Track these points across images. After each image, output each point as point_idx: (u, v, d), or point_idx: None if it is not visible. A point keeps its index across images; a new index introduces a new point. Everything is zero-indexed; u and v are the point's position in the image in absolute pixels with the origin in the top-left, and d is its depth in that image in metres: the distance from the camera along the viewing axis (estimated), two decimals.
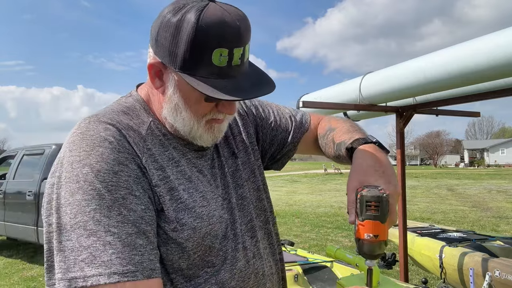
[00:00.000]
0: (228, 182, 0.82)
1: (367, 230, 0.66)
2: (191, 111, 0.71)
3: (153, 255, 0.62)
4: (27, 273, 5.02)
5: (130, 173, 0.64)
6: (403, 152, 2.96)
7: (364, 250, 0.67)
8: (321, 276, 2.44)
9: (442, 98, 2.57)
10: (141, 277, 0.58)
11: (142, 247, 0.61)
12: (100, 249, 0.57)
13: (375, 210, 0.65)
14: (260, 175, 0.91)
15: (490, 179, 22.84)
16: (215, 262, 0.72)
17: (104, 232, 0.58)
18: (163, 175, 0.69)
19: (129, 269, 0.58)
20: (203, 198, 0.73)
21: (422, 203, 11.55)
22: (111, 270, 0.57)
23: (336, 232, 7.35)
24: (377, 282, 1.21)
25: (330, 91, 2.90)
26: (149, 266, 0.60)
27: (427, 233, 3.53)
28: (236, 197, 0.82)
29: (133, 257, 0.59)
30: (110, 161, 0.63)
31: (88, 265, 0.57)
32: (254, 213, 0.85)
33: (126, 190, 0.62)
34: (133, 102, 0.77)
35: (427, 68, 1.98)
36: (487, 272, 2.40)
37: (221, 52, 0.64)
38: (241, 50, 0.67)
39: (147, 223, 0.63)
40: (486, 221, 8.19)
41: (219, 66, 0.65)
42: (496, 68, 1.65)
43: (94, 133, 0.65)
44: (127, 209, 0.61)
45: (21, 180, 5.73)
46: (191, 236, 0.68)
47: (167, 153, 0.73)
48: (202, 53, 0.64)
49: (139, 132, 0.71)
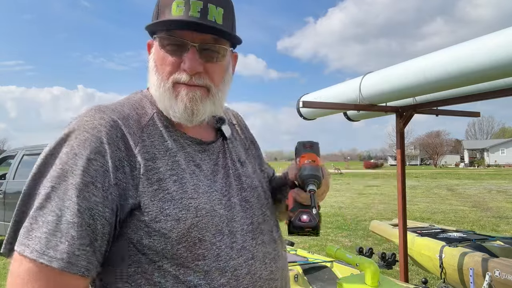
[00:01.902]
0: (231, 183, 0.82)
1: (306, 158, 0.81)
2: (158, 72, 0.76)
3: (81, 251, 0.62)
4: None
5: (103, 164, 0.66)
6: (403, 152, 2.96)
7: (305, 173, 0.78)
8: (321, 276, 2.44)
9: (442, 98, 2.57)
10: (56, 265, 0.60)
11: (73, 239, 0.61)
12: (39, 224, 0.62)
13: (310, 147, 0.85)
14: (266, 192, 0.90)
15: (490, 179, 22.84)
16: (206, 255, 0.71)
17: (49, 210, 0.62)
18: (152, 166, 0.70)
19: (49, 253, 0.60)
20: (195, 191, 0.72)
21: (422, 203, 11.55)
22: (35, 246, 0.60)
23: (336, 232, 7.35)
24: (377, 282, 1.21)
25: (330, 91, 2.89)
26: (69, 259, 0.61)
27: (427, 233, 3.53)
28: (239, 198, 0.81)
29: (58, 244, 0.61)
30: (90, 148, 0.66)
31: (25, 234, 0.62)
32: (258, 217, 0.83)
33: (91, 178, 0.64)
34: (140, 97, 0.81)
35: (427, 68, 1.98)
36: (487, 272, 2.40)
37: (178, 3, 0.71)
38: (201, 4, 0.71)
39: (92, 216, 0.63)
40: (486, 221, 8.19)
41: (176, 16, 0.71)
42: (496, 68, 1.65)
43: (89, 119, 0.69)
44: (81, 197, 0.63)
45: (21, 180, 5.72)
46: (175, 226, 0.68)
47: (165, 143, 0.74)
48: (165, 10, 0.73)
49: (139, 122, 0.74)
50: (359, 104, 2.57)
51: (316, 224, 0.76)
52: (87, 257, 0.63)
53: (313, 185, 0.76)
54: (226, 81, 0.81)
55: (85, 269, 0.63)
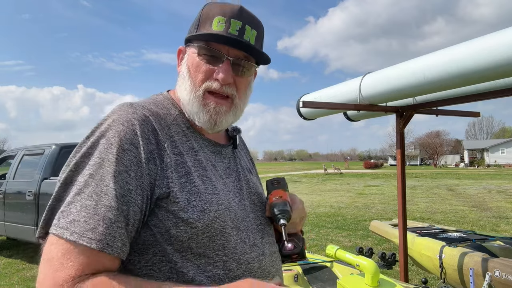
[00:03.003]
0: (242, 186, 0.90)
1: (274, 195, 0.89)
2: (191, 78, 0.82)
3: (117, 233, 0.66)
4: (27, 273, 5.02)
5: (137, 155, 0.71)
6: (403, 152, 2.96)
7: (274, 210, 0.86)
8: (321, 276, 2.44)
9: (442, 98, 2.57)
10: (95, 246, 0.64)
11: (110, 222, 0.66)
12: (78, 209, 0.66)
13: (277, 183, 0.93)
14: (263, 201, 0.96)
15: (490, 179, 22.84)
16: (226, 246, 0.77)
17: (87, 196, 0.67)
18: (181, 160, 0.77)
19: (88, 235, 0.64)
20: (214, 187, 0.79)
21: (422, 203, 11.55)
22: (75, 229, 0.64)
23: (336, 232, 7.35)
24: (377, 282, 1.21)
25: (330, 91, 2.89)
26: (107, 240, 0.65)
27: (427, 233, 3.53)
28: (249, 200, 0.89)
29: (96, 227, 0.65)
30: (124, 139, 0.71)
31: (64, 218, 0.66)
32: (263, 220, 0.91)
33: (125, 167, 0.69)
34: (162, 98, 0.88)
35: (427, 68, 1.98)
36: (487, 272, 2.40)
37: (219, 19, 0.79)
38: (240, 24, 0.79)
39: (126, 202, 0.68)
40: (486, 221, 8.19)
41: (217, 31, 0.78)
42: (496, 68, 1.65)
43: (123, 113, 0.75)
44: (116, 184, 0.68)
45: (21, 180, 5.72)
46: (200, 217, 0.73)
47: (188, 142, 0.82)
48: (206, 23, 0.80)
49: (165, 120, 0.80)
50: (359, 104, 2.57)
51: (301, 250, 0.91)
52: (122, 239, 0.67)
53: (283, 219, 0.84)
54: (247, 95, 0.90)
55: (120, 250, 0.67)
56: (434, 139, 61.49)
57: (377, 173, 33.70)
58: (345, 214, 9.56)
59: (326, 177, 28.19)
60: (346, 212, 10.02)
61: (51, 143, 5.66)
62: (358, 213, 9.71)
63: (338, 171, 36.79)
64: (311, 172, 38.32)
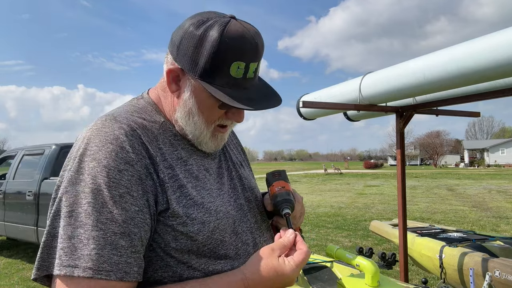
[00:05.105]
0: (236, 184, 0.88)
1: (276, 186, 0.88)
2: (203, 116, 0.77)
3: (132, 258, 0.64)
4: (27, 273, 5.02)
5: (134, 173, 0.67)
6: (403, 152, 2.96)
7: (277, 199, 0.85)
8: (321, 276, 2.44)
9: (442, 98, 2.57)
10: (114, 277, 0.61)
11: (124, 249, 0.63)
12: (84, 242, 0.61)
13: (278, 175, 0.92)
14: (259, 192, 0.97)
15: (490, 179, 22.83)
16: (228, 254, 0.77)
17: (92, 226, 0.61)
18: (172, 174, 0.73)
19: (105, 267, 0.60)
20: (210, 195, 0.78)
21: (422, 203, 11.55)
22: (87, 264, 0.60)
23: (336, 232, 7.35)
24: (377, 282, 1.21)
25: (330, 91, 2.89)
26: (124, 268, 0.62)
27: (427, 233, 3.52)
28: (244, 198, 0.88)
29: (111, 257, 0.61)
30: (118, 159, 0.66)
31: (67, 255, 0.60)
32: (259, 216, 0.90)
33: (126, 189, 0.65)
34: (144, 104, 0.82)
35: (427, 68, 1.98)
36: (487, 272, 2.40)
37: (238, 65, 0.71)
38: (256, 64, 0.74)
39: (136, 225, 0.65)
40: (486, 221, 8.19)
41: (235, 77, 0.72)
42: (496, 68, 1.65)
43: (108, 130, 0.69)
44: (120, 208, 0.64)
45: (21, 180, 5.72)
46: (201, 230, 0.72)
47: (176, 152, 0.78)
48: (222, 65, 0.70)
49: (152, 131, 0.76)
50: (359, 104, 2.57)
51: None
52: (137, 263, 0.65)
53: (287, 209, 0.83)
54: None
55: (137, 273, 0.65)
56: (434, 139, 61.48)
57: (377, 173, 33.69)
58: (345, 214, 9.56)
59: (326, 177, 28.18)
60: (346, 212, 10.02)
61: (51, 143, 5.66)
62: (358, 213, 9.71)
63: (338, 171, 36.78)
64: (311, 172, 38.31)
